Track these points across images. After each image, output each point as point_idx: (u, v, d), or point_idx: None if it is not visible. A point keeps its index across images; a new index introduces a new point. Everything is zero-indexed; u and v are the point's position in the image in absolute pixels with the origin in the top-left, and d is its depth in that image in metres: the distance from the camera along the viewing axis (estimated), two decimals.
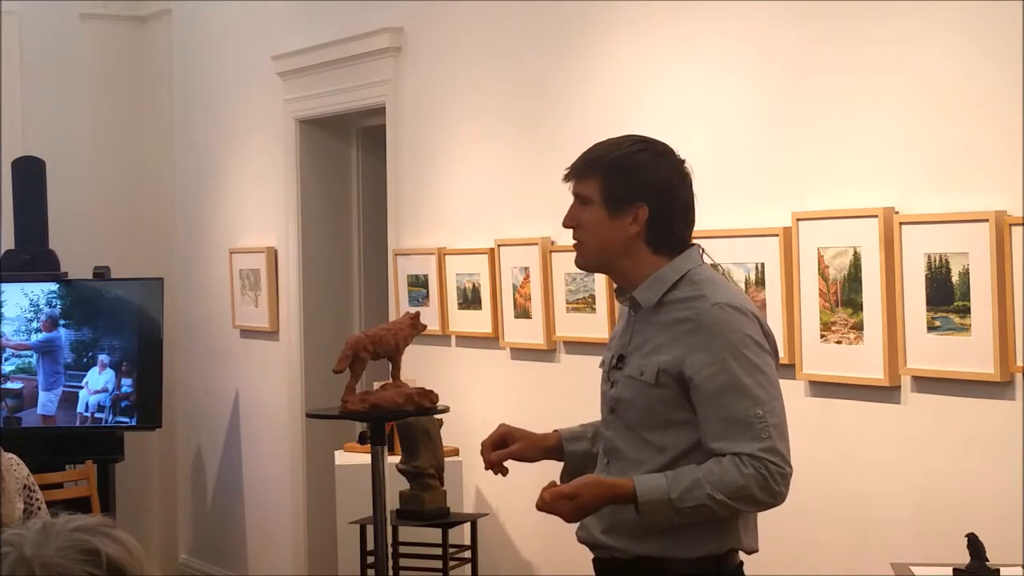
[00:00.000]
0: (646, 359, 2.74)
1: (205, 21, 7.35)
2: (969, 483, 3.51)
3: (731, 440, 2.64)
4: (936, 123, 3.57)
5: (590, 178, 2.80)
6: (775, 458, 2.64)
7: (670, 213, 2.78)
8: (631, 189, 2.76)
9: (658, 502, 2.65)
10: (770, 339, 2.76)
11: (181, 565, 7.66)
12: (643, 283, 2.78)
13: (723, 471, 2.63)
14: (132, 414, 6.55)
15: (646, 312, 2.78)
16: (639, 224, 2.76)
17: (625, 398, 2.78)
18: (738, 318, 2.69)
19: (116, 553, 1.61)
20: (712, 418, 2.67)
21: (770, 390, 2.68)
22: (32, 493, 4.01)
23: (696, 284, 2.75)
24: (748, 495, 2.63)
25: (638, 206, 2.75)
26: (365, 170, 6.62)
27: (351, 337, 4.46)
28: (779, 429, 2.67)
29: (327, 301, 6.58)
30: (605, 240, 2.79)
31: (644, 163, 2.78)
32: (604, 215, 2.78)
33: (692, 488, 2.63)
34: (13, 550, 1.60)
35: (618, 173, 2.77)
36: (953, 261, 3.49)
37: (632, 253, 2.78)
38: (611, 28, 4.63)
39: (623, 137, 2.88)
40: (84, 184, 7.60)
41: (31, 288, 6.64)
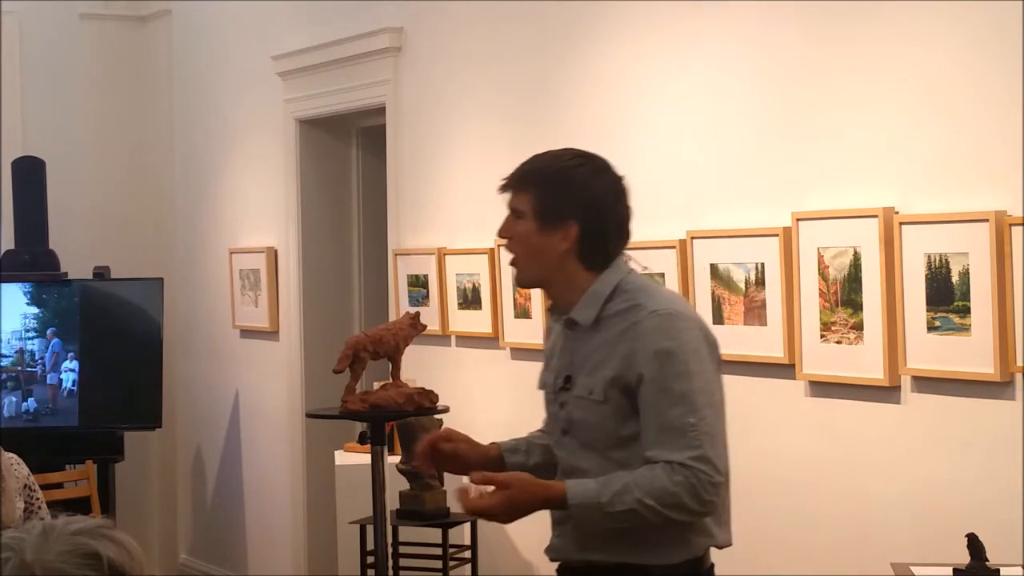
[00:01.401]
0: (592, 377, 2.72)
1: (205, 21, 7.35)
2: (969, 483, 3.51)
3: (664, 448, 2.63)
4: (936, 123, 3.57)
5: (524, 191, 2.77)
6: (705, 467, 2.61)
7: (602, 231, 2.75)
8: (563, 205, 2.73)
9: (588, 506, 2.64)
10: (711, 343, 2.73)
11: (181, 565, 7.66)
12: (579, 301, 2.75)
13: (654, 477, 2.61)
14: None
15: (584, 329, 2.75)
16: (569, 241, 2.73)
17: (578, 419, 2.76)
18: (675, 324, 2.67)
19: (116, 556, 1.62)
20: (648, 425, 2.66)
21: (705, 397, 2.65)
22: (32, 493, 4.01)
23: (630, 293, 2.72)
24: (678, 503, 2.61)
25: (569, 223, 2.72)
26: (365, 170, 6.62)
27: (351, 337, 4.47)
28: (712, 436, 2.64)
29: (327, 301, 6.58)
30: (536, 255, 2.76)
31: (579, 179, 2.75)
32: (535, 229, 2.75)
33: (622, 493, 2.62)
34: (14, 555, 1.60)
35: (552, 188, 2.74)
36: (953, 261, 3.49)
37: (564, 269, 2.75)
38: (611, 28, 4.63)
39: (562, 151, 2.85)
40: (84, 184, 7.60)
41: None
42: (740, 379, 4.17)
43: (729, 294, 4.15)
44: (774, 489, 4.08)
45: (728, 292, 4.15)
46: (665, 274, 4.37)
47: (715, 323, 4.19)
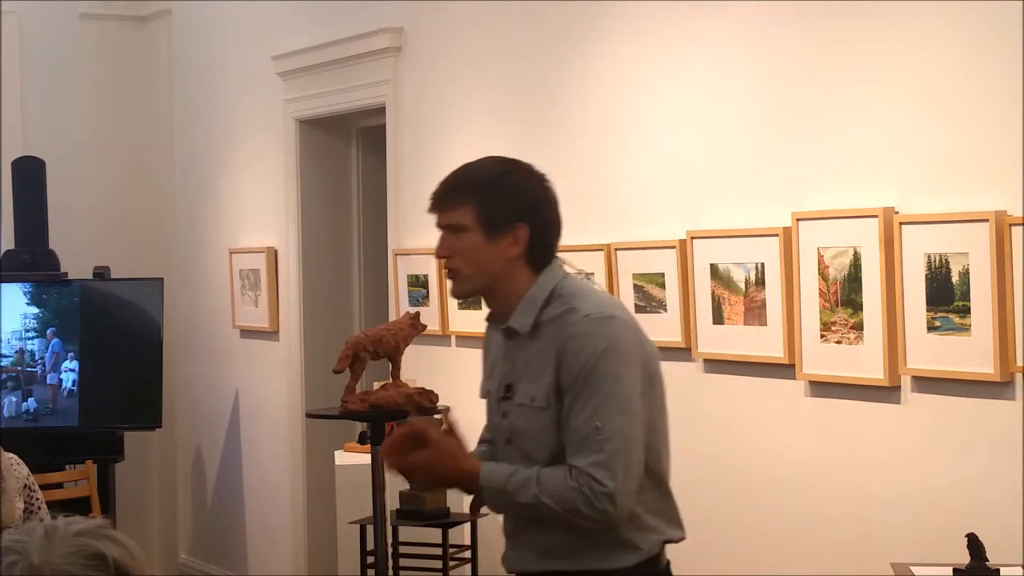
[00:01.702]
0: (533, 384, 2.71)
1: (205, 21, 7.35)
2: (969, 483, 3.51)
3: (572, 450, 2.63)
4: (936, 123, 3.57)
5: (461, 206, 2.73)
6: (601, 474, 2.58)
7: (547, 229, 2.75)
8: (508, 210, 2.71)
9: (496, 489, 2.67)
10: (646, 349, 2.71)
11: (181, 565, 7.66)
12: (516, 308, 2.73)
13: (555, 478, 2.62)
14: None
15: (523, 337, 2.73)
16: (520, 245, 2.71)
17: (520, 427, 2.74)
18: (605, 327, 2.65)
19: (121, 556, 1.63)
20: (564, 425, 2.65)
21: (619, 403, 2.62)
22: (32, 493, 4.01)
23: (565, 298, 2.71)
24: (575, 509, 2.60)
25: (518, 226, 2.71)
26: (365, 170, 6.62)
27: (351, 337, 4.47)
28: (619, 444, 2.60)
29: (327, 301, 6.58)
30: (484, 265, 2.73)
31: (515, 183, 2.74)
32: (483, 240, 2.72)
33: (525, 485, 2.63)
34: (20, 558, 1.61)
35: (492, 197, 2.71)
36: (953, 261, 3.49)
37: (510, 274, 2.73)
38: (611, 28, 4.63)
39: (484, 160, 2.83)
40: (84, 184, 7.60)
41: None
42: (740, 379, 4.18)
43: (729, 294, 4.15)
44: (774, 489, 4.08)
45: (728, 292, 4.15)
46: (665, 274, 4.38)
47: (715, 323, 4.20)
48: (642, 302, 4.47)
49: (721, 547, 4.26)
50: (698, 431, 4.33)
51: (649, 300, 4.45)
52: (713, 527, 4.29)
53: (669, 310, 4.37)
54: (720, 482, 4.26)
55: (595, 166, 4.71)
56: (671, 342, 4.38)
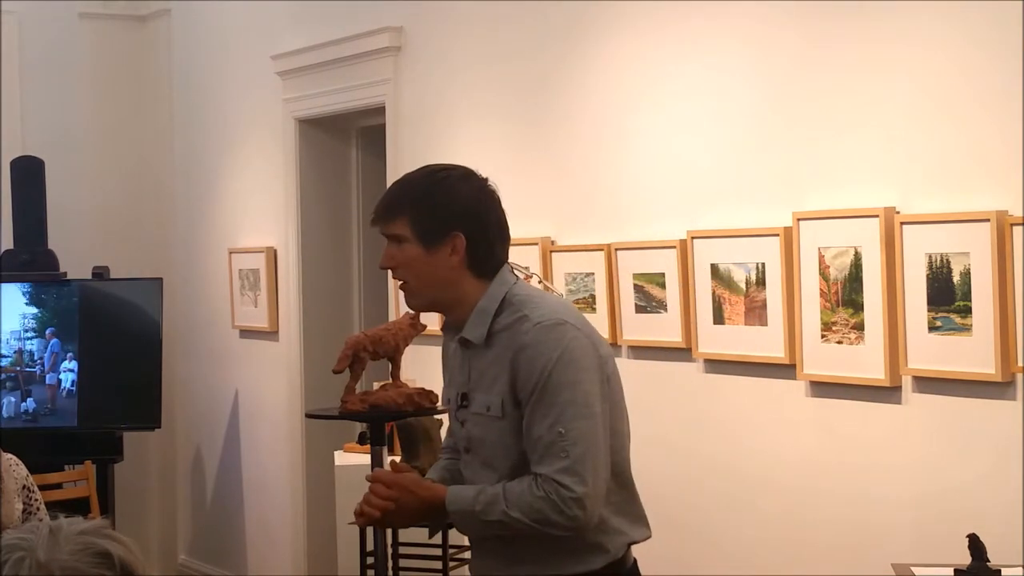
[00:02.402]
0: (489, 393, 2.71)
1: (205, 21, 7.35)
2: (970, 483, 3.51)
3: (535, 458, 2.62)
4: (936, 123, 3.56)
5: (397, 218, 2.73)
6: (568, 479, 2.58)
7: (486, 235, 2.73)
8: (442, 220, 2.70)
9: (464, 512, 2.67)
10: (600, 352, 2.71)
11: (180, 565, 7.65)
12: (468, 319, 2.73)
13: (521, 492, 2.62)
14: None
15: (478, 347, 2.73)
16: (459, 253, 2.70)
17: (477, 436, 2.75)
18: (557, 334, 2.64)
19: (125, 555, 1.66)
20: (526, 435, 2.65)
21: (579, 408, 2.62)
22: (31, 493, 4.00)
23: (516, 306, 2.70)
24: (544, 518, 2.60)
25: (454, 235, 2.70)
26: (365, 170, 6.61)
27: (351, 337, 4.46)
28: (584, 449, 2.60)
29: (327, 301, 6.58)
30: (428, 276, 2.73)
31: (449, 191, 2.73)
32: (421, 251, 2.71)
33: (492, 503, 2.63)
34: (27, 555, 1.62)
35: (425, 207, 2.71)
36: (954, 261, 3.48)
37: (458, 283, 2.73)
38: (611, 28, 4.62)
39: (420, 170, 2.84)
40: (84, 184, 7.60)
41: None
42: (740, 379, 4.17)
43: (730, 294, 4.14)
44: (774, 489, 4.07)
45: (729, 292, 4.15)
46: (665, 274, 4.37)
47: (715, 323, 4.19)
48: (642, 302, 4.47)
49: (721, 547, 4.26)
50: (698, 431, 4.33)
51: (649, 300, 4.44)
52: (713, 527, 4.28)
53: (669, 310, 4.37)
54: (720, 482, 4.26)
55: (595, 166, 4.70)
56: (671, 342, 4.37)
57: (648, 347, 4.47)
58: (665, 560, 4.33)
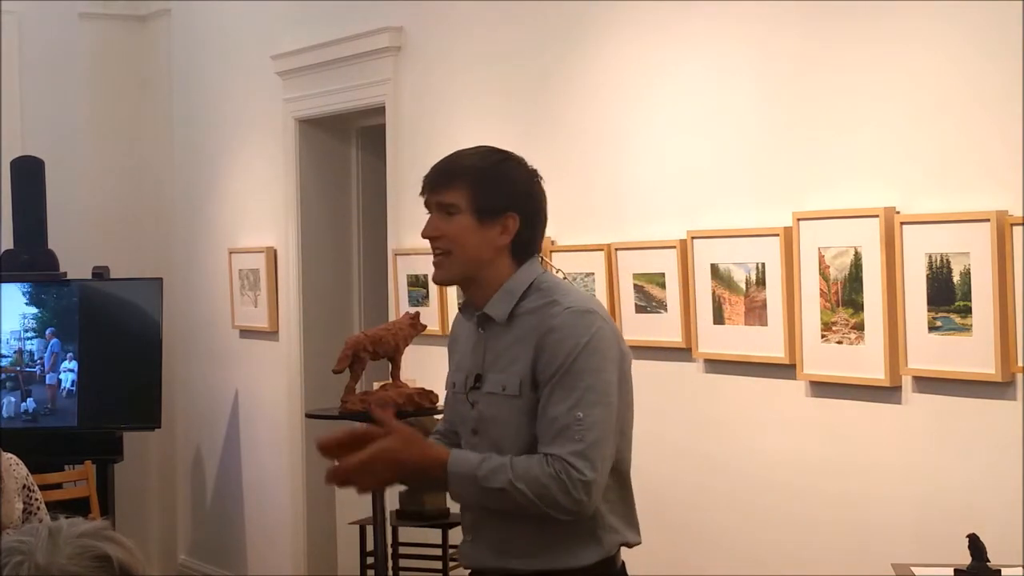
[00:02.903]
0: (505, 373, 2.71)
1: (204, 21, 7.35)
2: (970, 483, 3.51)
3: (548, 439, 2.63)
4: (936, 123, 3.56)
5: (456, 187, 2.72)
6: (580, 463, 2.59)
7: (536, 221, 2.77)
8: (501, 198, 2.72)
9: (465, 475, 2.63)
10: (622, 348, 2.73)
11: (180, 566, 7.65)
12: (492, 298, 2.74)
13: (530, 464, 2.61)
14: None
15: (498, 327, 2.74)
16: (509, 234, 2.72)
17: (489, 416, 2.75)
18: (587, 321, 2.67)
19: (124, 557, 1.66)
20: (540, 416, 2.66)
21: (598, 395, 2.63)
22: (31, 493, 4.00)
23: (544, 291, 2.72)
24: (549, 496, 2.60)
25: (508, 215, 2.72)
26: (365, 170, 6.61)
27: (351, 337, 4.47)
28: (598, 436, 2.62)
29: (327, 301, 6.57)
30: (474, 250, 2.73)
31: (509, 172, 2.75)
32: (474, 224, 2.71)
33: (497, 471, 2.62)
34: (26, 559, 1.62)
35: (487, 182, 2.72)
36: (954, 261, 3.48)
37: (496, 263, 2.74)
38: (611, 28, 4.62)
39: (480, 147, 2.83)
40: (83, 184, 7.60)
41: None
42: (740, 379, 4.17)
43: (730, 294, 4.14)
44: (774, 489, 4.07)
45: (729, 292, 4.15)
46: (665, 274, 4.37)
47: (715, 323, 4.19)
48: (642, 302, 4.47)
49: (721, 547, 4.26)
50: (698, 431, 4.33)
51: (649, 300, 4.44)
52: (713, 527, 4.28)
53: (669, 310, 4.37)
54: (720, 482, 4.26)
55: (595, 166, 4.70)
56: (671, 342, 4.37)
57: (648, 347, 4.47)
58: (665, 560, 4.33)
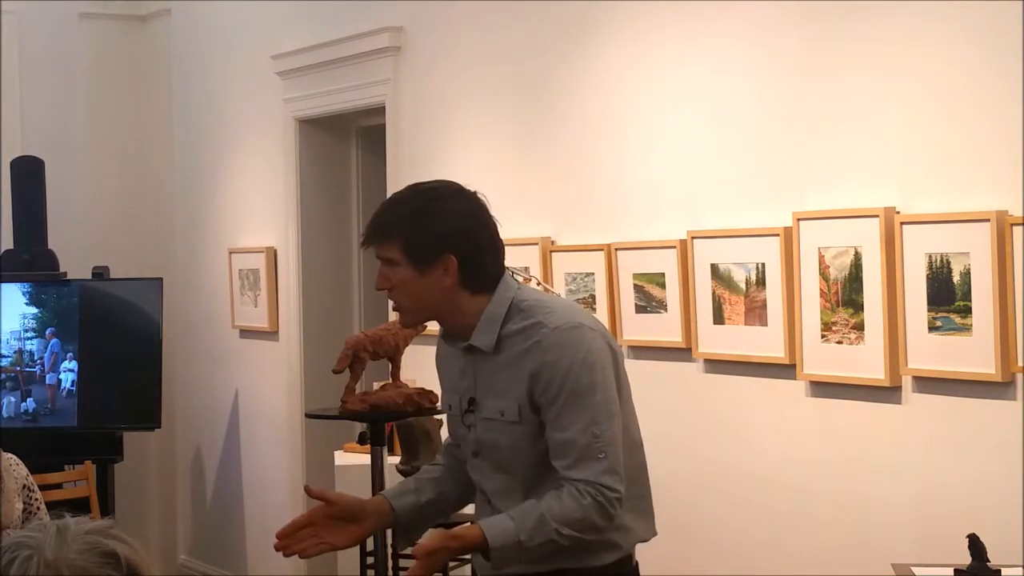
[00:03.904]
0: (502, 399, 2.70)
1: (204, 21, 7.35)
2: (970, 483, 3.51)
3: (571, 463, 2.62)
4: (936, 123, 3.56)
5: (388, 242, 2.71)
6: (610, 479, 2.61)
7: (478, 254, 2.71)
8: (433, 243, 2.68)
9: (509, 546, 2.63)
10: (614, 349, 2.72)
11: (180, 566, 7.65)
12: (476, 327, 2.72)
13: (563, 506, 2.61)
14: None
15: (486, 354, 2.72)
16: (452, 275, 2.69)
17: (489, 441, 2.74)
18: (577, 337, 2.65)
19: (131, 555, 1.67)
20: (552, 439, 2.65)
21: (606, 408, 2.65)
22: (31, 493, 4.00)
23: (527, 312, 2.69)
24: (590, 524, 2.62)
25: (445, 257, 2.68)
26: (365, 170, 6.61)
27: (351, 337, 4.46)
28: (613, 447, 2.64)
29: (327, 301, 6.57)
30: (423, 298, 2.71)
31: (439, 212, 2.70)
32: (414, 274, 2.69)
33: (539, 526, 2.62)
34: (34, 553, 1.63)
35: (416, 229, 2.68)
36: (954, 261, 3.48)
37: (453, 301, 2.71)
38: (611, 28, 4.62)
39: (408, 190, 2.79)
40: (83, 184, 7.60)
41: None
42: (740, 379, 4.17)
43: (730, 294, 4.14)
44: (774, 489, 4.07)
45: (729, 292, 4.15)
46: (665, 274, 4.37)
47: (715, 323, 4.19)
48: (642, 302, 4.47)
49: (721, 547, 4.26)
50: (698, 431, 4.33)
51: (649, 300, 4.44)
52: (713, 527, 4.28)
53: (669, 310, 4.37)
54: (720, 482, 4.26)
55: (595, 166, 4.70)
56: (671, 342, 4.37)
57: (648, 347, 4.47)
58: (666, 560, 4.33)
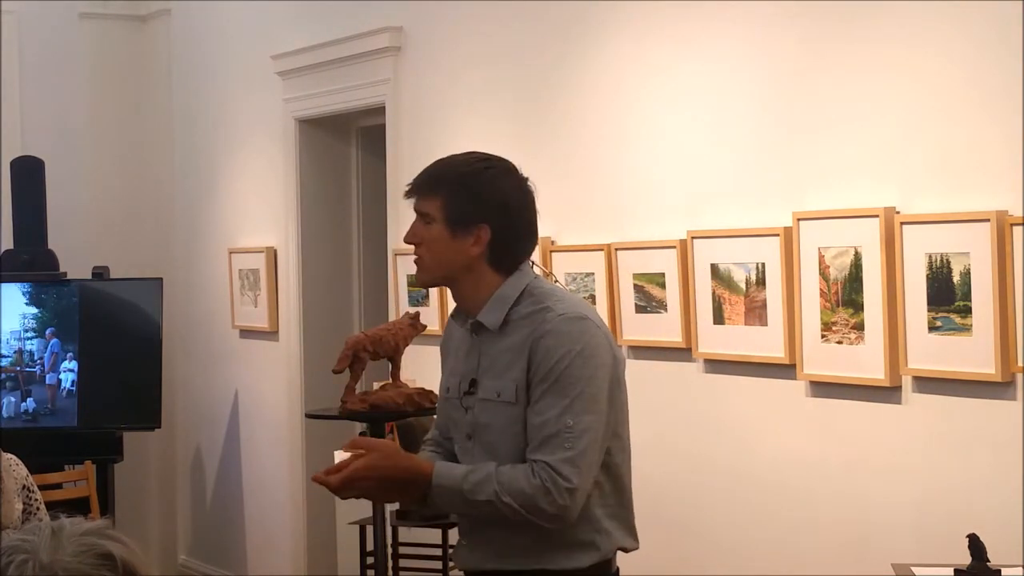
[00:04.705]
0: (501, 379, 2.71)
1: (204, 21, 7.35)
2: (970, 483, 3.51)
3: (536, 444, 2.63)
4: (936, 123, 3.56)
5: (433, 196, 2.75)
6: (567, 470, 2.59)
7: (512, 233, 2.74)
8: (474, 209, 2.71)
9: (450, 488, 2.65)
10: (615, 354, 2.72)
11: (180, 566, 7.65)
12: (485, 304, 2.74)
13: (514, 476, 2.62)
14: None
15: (491, 333, 2.74)
16: (481, 245, 2.72)
17: (483, 422, 2.74)
18: (579, 327, 2.66)
19: (128, 556, 1.66)
20: (530, 422, 2.66)
21: (589, 403, 2.64)
22: (31, 493, 4.00)
23: (537, 297, 2.71)
24: (533, 505, 2.61)
25: (480, 227, 2.71)
26: (365, 170, 6.61)
27: (351, 337, 4.46)
28: (585, 442, 2.62)
29: (327, 301, 6.58)
30: (446, 260, 2.74)
31: (488, 182, 2.73)
32: (447, 234, 2.73)
33: (483, 483, 2.63)
34: (30, 557, 1.62)
35: (461, 192, 2.71)
36: (954, 261, 3.48)
37: (474, 272, 2.74)
38: (611, 28, 4.62)
39: (467, 154, 2.83)
40: (83, 184, 7.60)
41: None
42: (740, 379, 4.17)
43: (730, 294, 4.14)
44: (774, 489, 4.07)
45: (729, 292, 4.15)
46: (665, 274, 4.37)
47: (715, 323, 4.19)
48: (642, 302, 4.47)
49: (721, 547, 4.26)
50: (698, 431, 4.33)
51: (649, 300, 4.44)
52: (713, 527, 4.28)
53: (669, 310, 4.36)
54: (720, 482, 4.26)
55: (595, 166, 4.70)
56: (671, 342, 4.37)
57: (648, 347, 4.47)
58: (665, 560, 4.33)
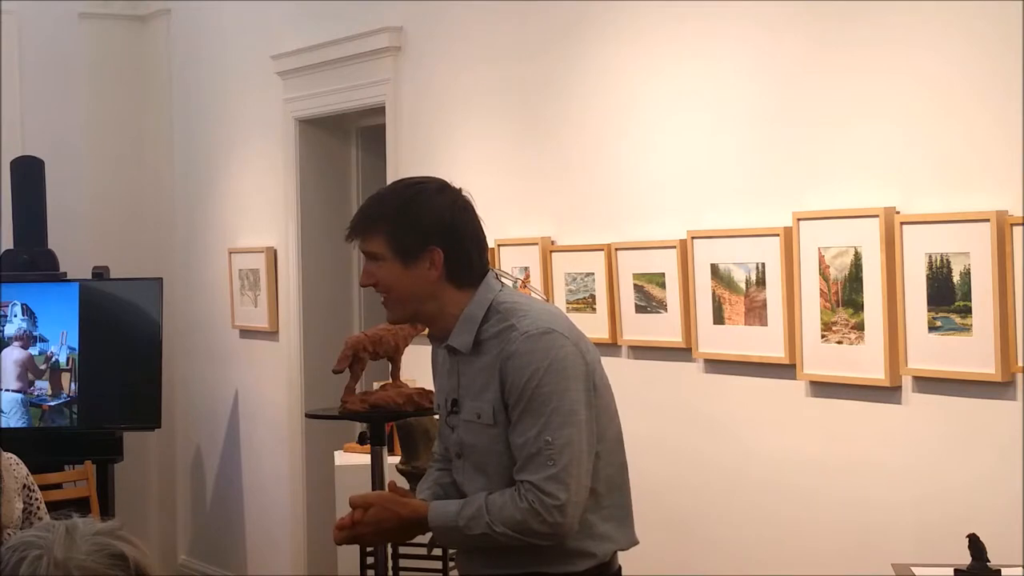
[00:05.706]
0: (478, 400, 2.72)
1: (204, 21, 7.35)
2: (970, 483, 3.51)
3: (521, 465, 2.65)
4: (936, 123, 3.56)
5: (374, 234, 2.74)
6: (552, 487, 2.60)
7: (463, 247, 2.74)
8: (417, 236, 2.71)
9: (447, 528, 2.70)
10: (587, 358, 2.71)
11: (181, 566, 7.65)
12: (454, 327, 2.74)
13: (503, 504, 2.64)
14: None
15: (465, 355, 2.75)
16: (437, 268, 2.72)
17: (468, 442, 2.76)
18: (545, 343, 2.66)
19: (139, 556, 1.68)
20: (511, 442, 2.67)
21: (565, 417, 2.64)
22: (31, 493, 4.01)
23: (503, 314, 2.71)
24: (527, 528, 2.63)
25: (430, 250, 2.71)
26: (365, 170, 6.61)
27: (351, 337, 4.46)
28: (568, 456, 2.62)
29: (327, 301, 6.58)
30: (410, 292, 2.74)
31: (424, 206, 2.72)
32: (399, 268, 2.73)
33: (476, 517, 2.66)
34: (44, 553, 1.63)
35: (401, 223, 2.71)
36: (954, 261, 3.48)
37: (438, 297, 2.74)
38: (611, 28, 4.62)
39: (393, 185, 2.85)
40: (83, 184, 7.60)
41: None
42: (740, 379, 4.17)
43: (730, 294, 4.14)
44: (774, 489, 4.07)
45: (729, 292, 4.15)
46: (665, 274, 4.37)
47: (715, 323, 4.19)
48: (642, 302, 4.47)
49: (721, 547, 4.26)
50: (698, 431, 4.33)
51: (649, 300, 4.44)
52: (713, 527, 4.28)
53: (669, 310, 4.37)
54: (720, 482, 4.26)
55: (595, 166, 4.70)
56: (671, 342, 4.37)
57: (648, 347, 4.47)
58: (665, 560, 4.33)
